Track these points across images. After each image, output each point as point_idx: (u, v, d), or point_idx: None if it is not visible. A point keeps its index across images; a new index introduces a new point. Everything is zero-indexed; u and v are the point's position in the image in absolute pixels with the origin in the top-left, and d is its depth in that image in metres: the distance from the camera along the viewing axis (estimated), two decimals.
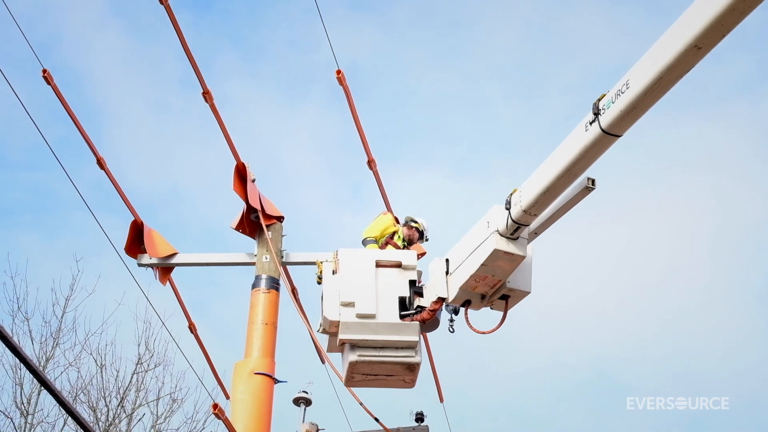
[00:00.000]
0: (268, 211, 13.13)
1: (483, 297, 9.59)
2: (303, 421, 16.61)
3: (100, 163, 12.59)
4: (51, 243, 43.85)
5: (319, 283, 11.38)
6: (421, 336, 14.50)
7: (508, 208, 8.88)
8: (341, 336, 9.71)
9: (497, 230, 8.99)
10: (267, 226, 12.96)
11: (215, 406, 9.02)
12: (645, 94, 7.41)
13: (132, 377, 26.55)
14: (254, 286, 12.80)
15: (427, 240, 13.41)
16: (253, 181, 13.11)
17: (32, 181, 44.72)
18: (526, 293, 9.59)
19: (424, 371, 15.12)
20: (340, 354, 10.55)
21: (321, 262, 11.33)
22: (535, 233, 9.27)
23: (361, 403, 15.24)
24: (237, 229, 13.26)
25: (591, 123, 7.87)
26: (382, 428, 16.12)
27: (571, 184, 8.47)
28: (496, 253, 8.98)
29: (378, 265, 10.16)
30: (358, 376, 10.05)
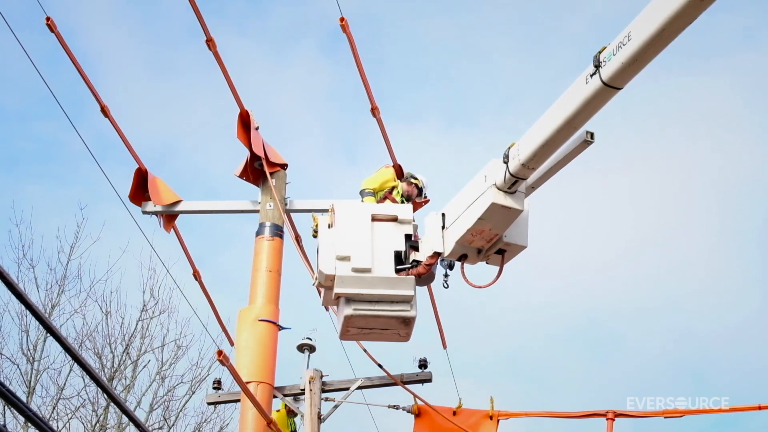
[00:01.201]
0: (272, 159, 13.13)
1: (479, 251, 9.56)
2: (307, 368, 16.71)
3: (104, 111, 12.57)
4: (58, 192, 43.91)
5: (315, 236, 11.35)
6: (426, 288, 14.59)
7: (506, 162, 8.83)
8: (336, 290, 9.69)
9: (495, 184, 8.96)
10: (271, 173, 12.96)
11: (220, 352, 9.07)
12: (647, 47, 7.39)
13: (137, 324, 26.66)
14: (258, 233, 12.84)
15: (425, 198, 13.40)
16: (257, 128, 13.10)
17: (40, 131, 44.72)
18: (523, 247, 9.57)
19: (427, 318, 15.20)
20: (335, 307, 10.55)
21: (316, 216, 11.30)
22: (533, 187, 9.24)
23: (365, 350, 15.35)
24: (241, 176, 13.27)
25: (592, 75, 7.85)
26: (385, 374, 16.25)
27: (570, 137, 8.45)
28: (494, 207, 8.94)
29: (374, 219, 10.09)
30: (353, 329, 10.05)
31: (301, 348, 16.95)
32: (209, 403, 18.75)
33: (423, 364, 16.66)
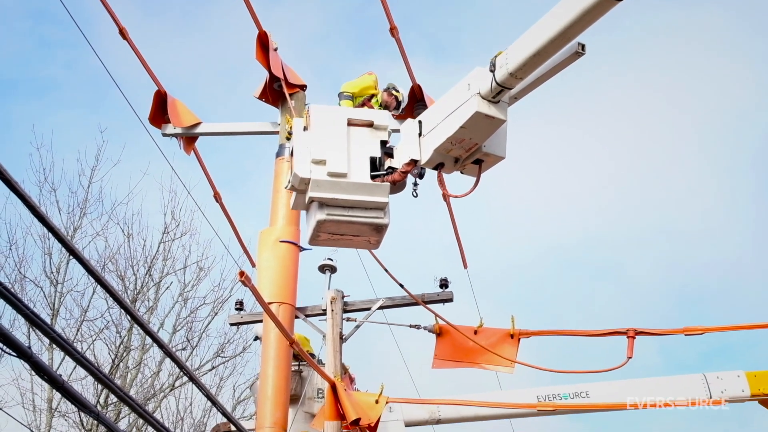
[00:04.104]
0: (291, 80, 13.09)
1: (456, 161, 9.47)
2: (328, 288, 16.82)
3: (123, 33, 12.50)
4: (78, 116, 44.07)
5: (288, 139, 11.22)
6: (447, 209, 14.61)
7: (492, 71, 8.71)
8: (311, 194, 9.52)
9: (479, 93, 8.83)
10: (290, 94, 12.93)
11: (242, 273, 9.08)
12: None
13: (159, 246, 26.85)
14: (278, 155, 12.83)
15: (402, 112, 13.35)
16: (276, 49, 13.04)
17: (60, 58, 44.75)
18: (501, 158, 9.44)
19: (449, 238, 15.20)
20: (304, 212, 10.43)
21: (290, 118, 11.16)
22: (515, 98, 9.09)
23: (386, 270, 15.41)
24: (260, 98, 13.24)
25: None
26: (406, 294, 16.33)
27: (563, 47, 8.30)
28: (477, 116, 8.80)
29: (350, 123, 9.95)
30: (323, 234, 9.89)
31: (322, 269, 17.04)
32: (232, 324, 18.94)
33: (444, 283, 16.73)
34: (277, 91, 13.12)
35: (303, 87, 13.27)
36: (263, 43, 12.91)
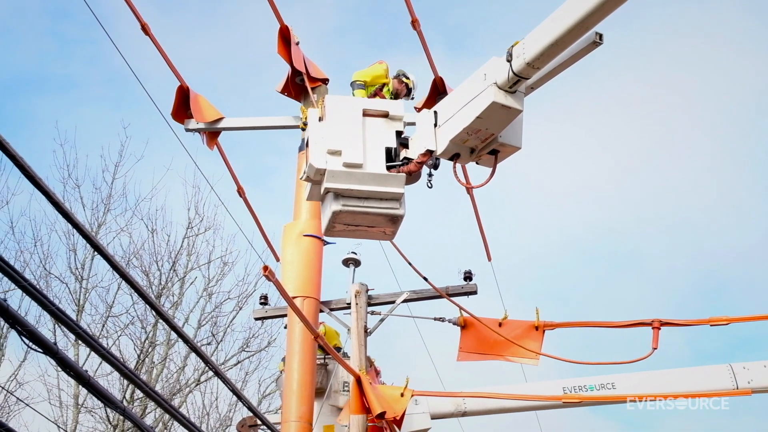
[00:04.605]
0: (313, 74, 13.08)
1: (472, 151, 9.42)
2: (353, 282, 16.80)
3: (145, 29, 12.51)
4: (101, 112, 44.20)
5: (303, 129, 11.15)
6: (470, 200, 14.58)
7: (509, 61, 8.67)
8: (326, 184, 9.47)
9: (496, 83, 8.79)
10: (312, 88, 12.91)
11: (266, 268, 9.08)
12: None
13: (183, 241, 26.92)
14: (301, 149, 12.82)
15: (412, 99, 13.31)
16: (297, 43, 13.03)
17: (90, 54, 44.88)
18: (517, 149, 9.39)
19: (470, 230, 15.18)
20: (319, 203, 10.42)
21: (305, 108, 11.10)
22: (532, 87, 9.05)
23: (410, 263, 15.40)
24: (282, 92, 13.23)
25: None
26: (430, 287, 16.30)
27: (581, 37, 8.26)
28: (494, 106, 8.75)
29: (365, 114, 9.90)
30: (339, 225, 9.85)
31: (346, 262, 17.02)
32: (256, 319, 18.96)
33: (468, 276, 16.69)
34: (300, 85, 13.12)
35: (325, 81, 13.26)
36: (285, 37, 12.90)
